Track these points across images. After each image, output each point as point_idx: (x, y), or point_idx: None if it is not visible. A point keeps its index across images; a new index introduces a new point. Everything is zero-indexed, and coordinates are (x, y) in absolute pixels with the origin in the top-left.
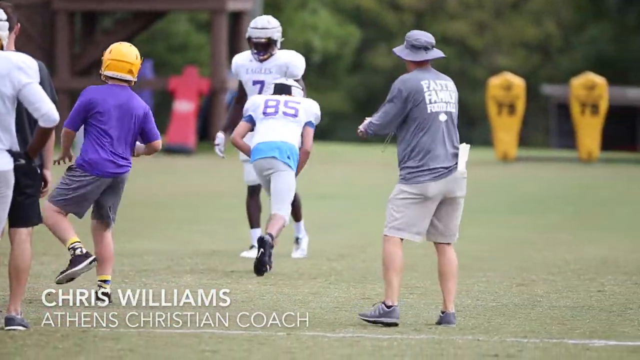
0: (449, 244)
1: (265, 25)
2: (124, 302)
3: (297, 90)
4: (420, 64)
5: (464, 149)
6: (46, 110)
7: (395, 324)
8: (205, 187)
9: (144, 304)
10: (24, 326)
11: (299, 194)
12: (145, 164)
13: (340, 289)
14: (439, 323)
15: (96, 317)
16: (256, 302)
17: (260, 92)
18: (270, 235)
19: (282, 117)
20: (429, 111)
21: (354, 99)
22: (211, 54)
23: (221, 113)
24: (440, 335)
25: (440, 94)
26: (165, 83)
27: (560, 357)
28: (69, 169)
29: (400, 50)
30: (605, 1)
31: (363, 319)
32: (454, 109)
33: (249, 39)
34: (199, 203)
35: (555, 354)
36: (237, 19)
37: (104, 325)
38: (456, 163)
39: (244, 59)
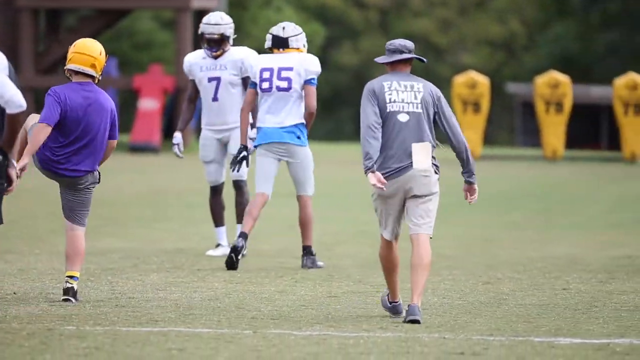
0: (421, 236)
1: (219, 21)
2: (90, 301)
3: (296, 40)
4: (393, 67)
5: (421, 147)
6: (10, 95)
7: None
8: (171, 185)
9: (110, 302)
10: None
11: (249, 193)
12: (110, 162)
13: (307, 287)
14: (405, 317)
15: (62, 315)
16: (222, 300)
17: (216, 90)
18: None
19: (276, 93)
20: (387, 110)
21: (319, 97)
22: (176, 52)
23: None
24: (406, 333)
25: (402, 95)
26: (130, 81)
27: (526, 354)
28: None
29: (380, 59)
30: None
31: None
32: (419, 109)
33: (202, 35)
34: (165, 201)
35: (521, 351)
36: (201, 17)
37: (70, 323)
38: (410, 162)
39: (196, 57)
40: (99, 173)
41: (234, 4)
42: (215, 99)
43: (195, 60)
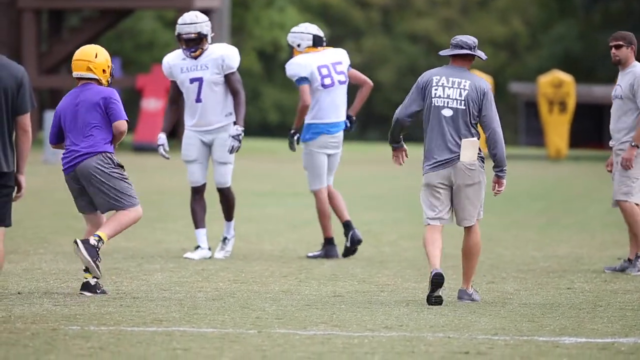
0: (470, 226)
1: (194, 19)
2: (94, 300)
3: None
4: (453, 60)
5: (470, 143)
6: None
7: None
8: (174, 185)
9: (114, 302)
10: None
11: (233, 192)
12: None
13: (311, 287)
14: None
15: (66, 315)
16: (227, 300)
17: (199, 90)
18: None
19: (339, 87)
20: (433, 104)
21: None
22: None
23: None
24: (411, 332)
25: (448, 91)
26: (133, 81)
27: (530, 354)
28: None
29: (444, 51)
30: None
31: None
32: (463, 105)
33: (179, 35)
34: (169, 201)
35: (526, 351)
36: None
37: (74, 323)
38: (458, 155)
39: (176, 59)
40: (106, 155)
41: (237, 4)
42: (198, 100)
43: (175, 62)
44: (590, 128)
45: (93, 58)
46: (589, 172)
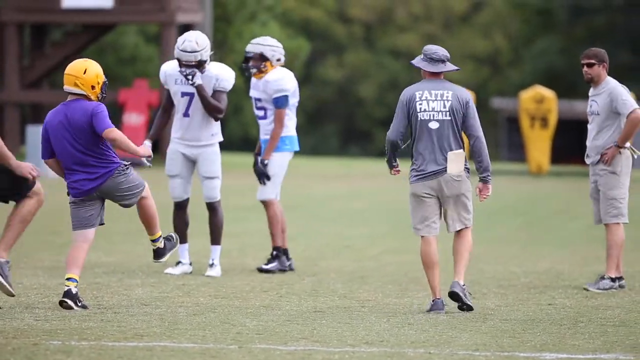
0: (460, 231)
1: (195, 48)
2: (75, 315)
3: None
4: (433, 75)
5: (455, 155)
6: None
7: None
8: (157, 199)
9: (95, 317)
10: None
11: (222, 210)
12: None
13: (292, 302)
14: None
15: (47, 330)
16: (207, 315)
17: (189, 105)
18: None
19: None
20: (419, 119)
21: (305, 111)
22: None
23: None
24: (392, 348)
25: (432, 104)
26: (115, 95)
27: None
28: (68, 194)
29: (418, 62)
30: (553, 14)
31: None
32: (448, 117)
33: (179, 60)
34: None
35: None
36: (186, 31)
37: (55, 338)
38: (445, 167)
39: (173, 69)
40: (120, 168)
41: (219, 19)
42: (186, 114)
43: (171, 72)
44: (572, 144)
45: (81, 74)
46: (571, 188)
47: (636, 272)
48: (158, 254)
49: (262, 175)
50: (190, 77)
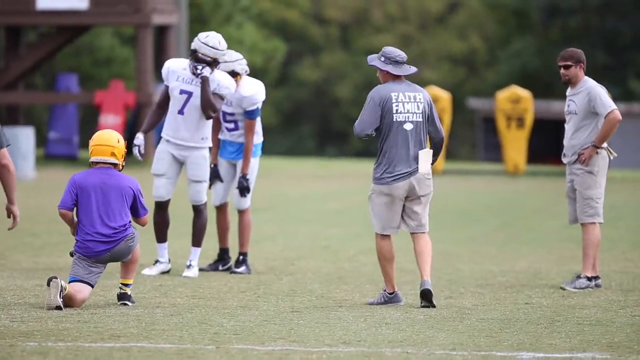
0: (422, 233)
1: (216, 45)
2: (52, 316)
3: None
4: (397, 77)
5: (425, 153)
6: None
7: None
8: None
9: (72, 317)
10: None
11: (207, 214)
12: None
13: (269, 302)
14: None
15: (23, 331)
16: (185, 316)
17: (185, 103)
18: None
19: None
20: (394, 120)
21: (281, 112)
22: (137, 68)
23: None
24: (369, 347)
25: (407, 106)
26: (91, 97)
27: None
28: (71, 254)
29: (383, 65)
30: (528, 15)
31: (371, 305)
32: (420, 118)
33: (195, 51)
34: None
35: None
36: (162, 33)
37: (32, 339)
38: (416, 167)
39: (177, 66)
40: (131, 235)
41: (194, 20)
42: (181, 112)
43: (175, 68)
44: (549, 144)
45: (116, 143)
46: (547, 188)
47: (612, 272)
48: (125, 297)
49: (245, 190)
50: (199, 68)
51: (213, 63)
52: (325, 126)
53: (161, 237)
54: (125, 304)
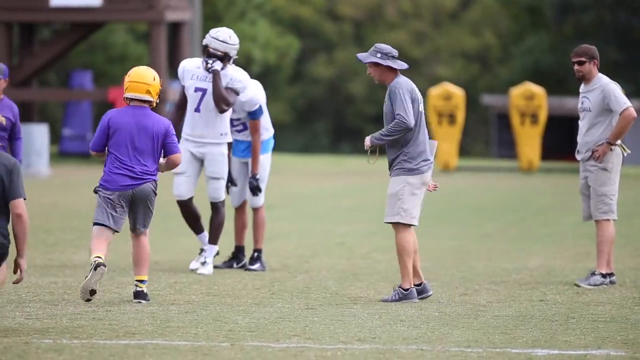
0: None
1: (226, 40)
2: (66, 314)
3: None
4: (396, 72)
5: (433, 144)
6: None
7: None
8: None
9: (87, 315)
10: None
11: (224, 210)
12: (86, 174)
13: (284, 299)
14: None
15: (38, 328)
16: (199, 313)
17: (200, 101)
18: None
19: None
20: (420, 110)
21: (295, 109)
22: (150, 65)
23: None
24: (384, 345)
25: (420, 97)
26: (105, 94)
27: None
28: (95, 191)
29: (383, 60)
30: (541, 11)
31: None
32: (422, 109)
33: (206, 46)
34: None
35: None
36: (175, 30)
37: (47, 337)
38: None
39: (191, 65)
40: (156, 183)
41: (208, 17)
42: (197, 109)
43: (189, 67)
44: (562, 140)
45: (152, 81)
46: (561, 184)
47: (626, 268)
48: (140, 295)
49: (255, 189)
50: (210, 62)
51: (225, 57)
52: (340, 123)
53: (197, 229)
54: (140, 302)
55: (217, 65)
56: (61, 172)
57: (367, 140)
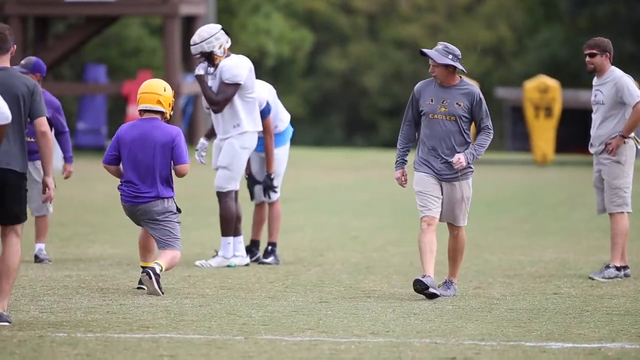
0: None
1: (195, 40)
2: (81, 307)
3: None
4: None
5: None
6: None
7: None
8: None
9: (101, 309)
10: (8, 322)
11: (229, 204)
12: (100, 168)
13: (297, 293)
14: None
15: (53, 322)
16: (213, 306)
17: None
18: None
19: None
20: None
21: (309, 103)
22: (165, 59)
23: (176, 117)
24: (397, 338)
25: None
26: (119, 87)
27: (517, 359)
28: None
29: (458, 64)
30: (556, 4)
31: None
32: None
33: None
34: None
35: (512, 356)
36: (190, 23)
37: (61, 330)
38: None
39: (203, 67)
40: (175, 203)
41: (222, 11)
42: (208, 108)
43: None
44: (577, 133)
45: (162, 91)
46: (575, 178)
47: None
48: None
49: (269, 189)
50: (196, 67)
51: (209, 56)
52: (354, 116)
53: (234, 231)
54: (142, 288)
55: (200, 69)
56: (75, 165)
57: (463, 161)
